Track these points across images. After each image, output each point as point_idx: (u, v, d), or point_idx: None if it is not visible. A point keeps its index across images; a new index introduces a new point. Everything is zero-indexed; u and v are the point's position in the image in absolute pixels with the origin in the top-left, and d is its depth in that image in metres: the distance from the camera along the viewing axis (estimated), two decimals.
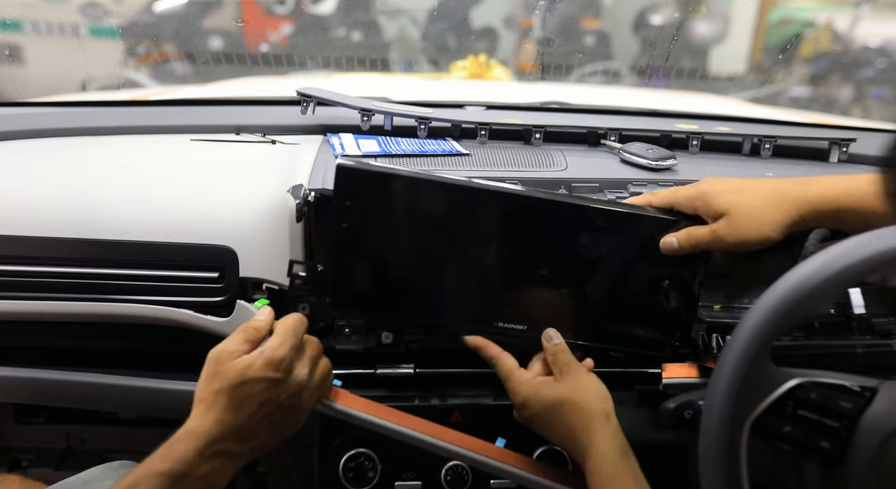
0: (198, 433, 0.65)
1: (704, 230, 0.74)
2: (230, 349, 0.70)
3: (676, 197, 0.77)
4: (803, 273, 0.61)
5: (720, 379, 0.62)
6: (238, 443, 0.67)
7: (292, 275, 0.79)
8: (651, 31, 2.67)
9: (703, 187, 0.75)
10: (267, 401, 0.68)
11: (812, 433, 0.63)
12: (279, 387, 0.68)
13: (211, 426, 0.65)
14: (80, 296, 0.80)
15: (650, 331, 0.81)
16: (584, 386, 0.74)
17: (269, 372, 0.68)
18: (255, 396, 0.67)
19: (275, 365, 0.68)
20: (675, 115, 1.18)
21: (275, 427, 0.69)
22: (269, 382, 0.68)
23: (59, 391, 0.86)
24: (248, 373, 0.67)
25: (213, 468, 0.65)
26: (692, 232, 0.75)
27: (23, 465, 1.01)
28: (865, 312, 0.72)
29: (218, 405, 0.66)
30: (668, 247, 0.76)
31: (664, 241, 0.76)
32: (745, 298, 0.92)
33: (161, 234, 0.80)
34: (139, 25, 1.77)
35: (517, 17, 2.91)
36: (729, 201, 0.72)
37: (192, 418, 0.67)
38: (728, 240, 0.72)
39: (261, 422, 0.68)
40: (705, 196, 0.74)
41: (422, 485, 0.85)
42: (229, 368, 0.68)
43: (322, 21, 2.41)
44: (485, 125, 0.99)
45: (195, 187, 0.84)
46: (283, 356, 0.69)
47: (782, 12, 3.40)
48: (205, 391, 0.68)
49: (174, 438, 0.65)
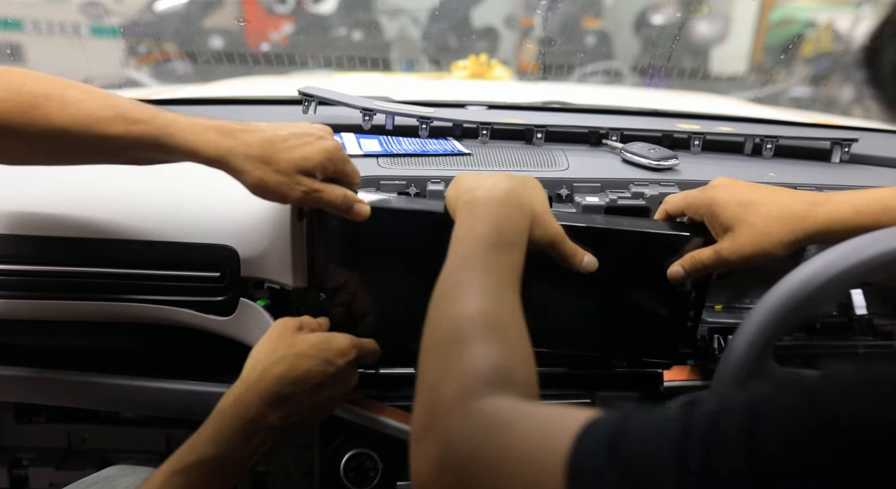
0: (247, 404, 0.66)
1: (708, 252, 0.73)
2: (303, 323, 0.74)
3: (687, 202, 0.76)
4: (806, 274, 0.61)
5: (723, 378, 0.62)
6: (280, 418, 0.68)
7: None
8: (652, 31, 2.67)
9: (713, 196, 0.73)
10: (319, 385, 0.69)
11: None
12: (334, 377, 0.70)
13: (263, 392, 0.67)
14: (80, 296, 0.80)
15: (655, 341, 0.80)
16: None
17: (337, 358, 0.70)
18: (313, 375, 0.69)
19: (341, 353, 0.71)
20: (677, 115, 1.18)
21: (312, 411, 0.71)
22: (331, 368, 0.70)
23: (60, 391, 0.86)
24: (319, 351, 0.70)
25: (255, 443, 0.66)
26: (696, 256, 0.74)
27: (23, 465, 1.01)
28: (867, 313, 0.72)
29: (276, 372, 0.68)
30: (676, 276, 0.75)
31: (671, 271, 0.75)
32: (747, 299, 0.92)
33: (162, 233, 0.80)
34: (140, 25, 1.78)
35: (518, 16, 2.92)
36: (735, 217, 0.71)
37: (241, 382, 0.69)
38: (732, 259, 0.71)
39: (307, 400, 0.69)
40: (712, 207, 0.72)
41: None
42: (299, 340, 0.71)
43: (323, 20, 2.41)
44: (486, 125, 0.99)
45: (196, 186, 0.84)
46: (350, 349, 0.72)
47: (783, 12, 3.40)
48: (265, 353, 0.70)
49: (219, 415, 0.66)
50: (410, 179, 0.84)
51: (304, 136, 0.68)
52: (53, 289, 0.80)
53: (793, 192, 0.72)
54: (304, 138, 0.68)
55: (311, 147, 0.68)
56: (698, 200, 0.74)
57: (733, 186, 0.74)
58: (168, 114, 0.66)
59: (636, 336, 0.80)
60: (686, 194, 0.76)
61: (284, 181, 0.66)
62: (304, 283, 0.80)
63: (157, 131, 0.64)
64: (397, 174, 0.85)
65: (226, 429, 0.65)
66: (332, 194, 0.69)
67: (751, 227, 0.69)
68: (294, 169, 0.66)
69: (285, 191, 0.66)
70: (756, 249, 0.69)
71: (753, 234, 0.69)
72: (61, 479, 0.99)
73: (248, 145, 0.66)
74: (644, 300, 0.78)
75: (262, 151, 0.66)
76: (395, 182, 0.84)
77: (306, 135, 0.69)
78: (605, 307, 0.78)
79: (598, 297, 0.78)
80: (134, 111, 0.65)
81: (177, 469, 0.64)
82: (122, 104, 0.65)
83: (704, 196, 0.74)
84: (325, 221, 0.77)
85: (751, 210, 0.70)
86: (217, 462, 0.64)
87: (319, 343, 0.71)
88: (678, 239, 0.75)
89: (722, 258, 0.71)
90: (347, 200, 0.70)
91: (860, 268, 0.59)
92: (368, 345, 0.75)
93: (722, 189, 0.73)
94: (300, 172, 0.67)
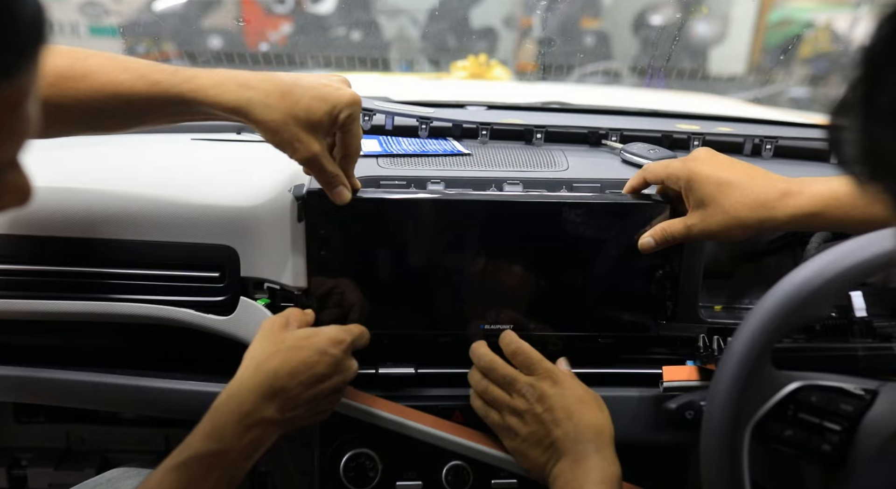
0: (240, 399, 0.66)
1: (679, 225, 0.76)
2: (290, 317, 0.73)
3: (667, 171, 0.78)
4: (804, 275, 0.61)
5: (721, 382, 0.62)
6: (278, 411, 0.67)
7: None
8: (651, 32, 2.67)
9: (693, 169, 0.75)
10: (318, 376, 0.69)
11: (813, 436, 0.63)
12: (332, 366, 0.70)
13: (257, 387, 0.67)
14: (80, 296, 0.80)
15: (635, 313, 0.84)
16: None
17: (330, 347, 0.70)
18: (308, 366, 0.69)
19: (333, 341, 0.71)
20: (676, 116, 1.18)
21: (314, 405, 0.70)
22: (326, 357, 0.70)
23: (60, 391, 0.86)
24: (310, 342, 0.70)
25: (253, 438, 0.66)
26: (666, 228, 0.77)
27: (22, 465, 1.01)
28: (866, 315, 0.72)
29: (269, 366, 0.68)
30: (647, 247, 0.78)
31: (642, 242, 0.79)
32: (746, 299, 0.92)
33: (162, 233, 0.80)
34: (139, 24, 1.77)
35: (517, 17, 2.92)
36: (709, 195, 0.73)
37: (235, 380, 0.68)
38: (698, 234, 0.75)
39: (305, 392, 0.69)
40: (691, 180, 0.75)
41: (423, 485, 0.85)
42: (288, 335, 0.71)
43: (322, 20, 2.41)
44: (486, 125, 0.99)
45: (196, 186, 0.84)
46: (344, 337, 0.72)
47: (782, 13, 3.40)
48: (258, 351, 0.70)
49: (213, 412, 0.66)
50: (410, 179, 0.85)
51: (323, 86, 0.70)
52: (54, 289, 0.80)
53: (768, 178, 0.74)
54: (322, 88, 0.69)
55: (328, 90, 0.69)
56: (678, 171, 0.76)
57: (713, 161, 0.76)
58: (188, 70, 0.67)
59: (612, 311, 0.83)
60: (667, 163, 0.79)
61: (296, 135, 0.67)
62: (305, 283, 0.80)
63: (178, 87, 0.66)
64: (397, 174, 0.85)
65: (221, 424, 0.65)
66: (328, 166, 0.71)
67: (722, 209, 0.73)
68: (307, 120, 0.67)
69: (296, 146, 0.68)
70: (722, 230, 0.73)
71: (723, 216, 0.72)
72: (60, 480, 0.99)
73: (268, 94, 0.66)
74: (615, 274, 0.82)
75: (280, 100, 0.66)
76: (395, 182, 0.84)
77: (324, 85, 0.70)
78: (576, 285, 0.81)
79: (567, 276, 0.81)
80: (155, 70, 0.67)
81: (173, 465, 0.63)
82: (142, 66, 0.67)
83: (685, 167, 0.76)
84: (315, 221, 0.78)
85: (725, 192, 0.73)
86: (214, 457, 0.64)
87: (309, 335, 0.71)
88: (656, 207, 0.80)
89: (691, 233, 0.75)
90: (337, 178, 0.72)
91: (860, 269, 0.59)
92: (357, 329, 0.76)
93: (702, 163, 0.76)
94: (313, 124, 0.68)
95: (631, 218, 0.80)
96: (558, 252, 0.80)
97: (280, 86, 0.67)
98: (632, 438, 0.66)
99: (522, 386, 0.75)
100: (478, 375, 0.79)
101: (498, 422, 0.77)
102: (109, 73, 0.66)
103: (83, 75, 0.65)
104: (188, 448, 0.64)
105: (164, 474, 0.63)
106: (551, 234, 0.80)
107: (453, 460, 0.84)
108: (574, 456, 0.70)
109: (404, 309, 0.79)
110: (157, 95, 0.66)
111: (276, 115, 0.66)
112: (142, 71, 0.66)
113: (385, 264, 0.81)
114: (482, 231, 0.78)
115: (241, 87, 0.66)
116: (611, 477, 0.68)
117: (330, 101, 0.68)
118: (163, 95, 0.66)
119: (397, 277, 0.81)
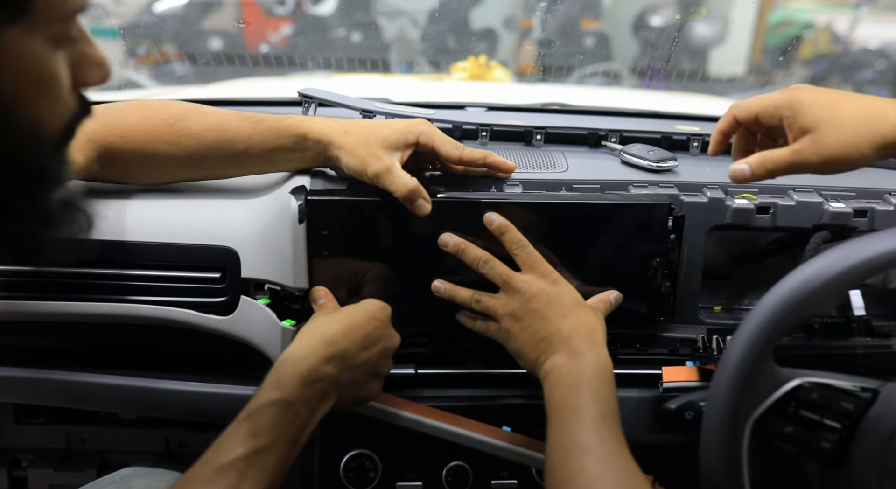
0: (300, 359, 0.68)
1: (784, 151, 0.67)
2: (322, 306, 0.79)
3: (763, 103, 0.71)
4: (805, 275, 0.61)
5: (722, 379, 0.62)
6: (337, 370, 0.70)
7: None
8: (651, 33, 2.67)
9: (795, 95, 0.68)
10: (370, 336, 0.73)
11: (813, 434, 0.63)
12: (382, 329, 0.75)
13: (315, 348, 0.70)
14: (81, 296, 0.80)
15: (634, 313, 0.83)
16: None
17: (378, 312, 0.75)
18: (362, 326, 0.73)
19: (383, 308, 0.76)
20: (676, 117, 1.18)
21: (367, 367, 0.73)
22: (375, 321, 0.74)
23: (59, 391, 0.86)
24: (361, 306, 0.75)
25: (316, 390, 0.68)
26: (767, 156, 0.68)
27: (22, 466, 1.01)
28: (866, 314, 0.72)
29: (325, 330, 0.71)
30: (740, 175, 0.69)
31: (734, 169, 0.69)
32: (746, 300, 0.92)
33: (163, 234, 0.80)
34: (139, 26, 1.77)
35: (517, 18, 2.91)
36: (819, 117, 0.66)
37: (294, 344, 0.71)
38: (813, 160, 0.66)
39: (360, 353, 0.72)
40: (795, 105, 0.67)
41: (423, 485, 0.85)
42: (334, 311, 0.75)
43: (322, 22, 2.41)
44: (486, 126, 0.99)
45: (197, 188, 0.84)
46: (387, 306, 0.76)
47: (782, 14, 3.40)
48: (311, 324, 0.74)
49: (276, 369, 0.68)
50: None
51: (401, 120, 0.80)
52: (53, 290, 0.80)
53: (864, 96, 0.68)
54: (396, 122, 0.79)
55: (405, 121, 0.79)
56: (778, 100, 0.69)
57: (812, 88, 0.69)
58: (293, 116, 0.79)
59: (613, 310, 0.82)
60: (762, 97, 0.71)
61: (371, 152, 0.75)
62: (306, 284, 0.80)
63: (278, 123, 0.78)
64: None
65: (286, 378, 0.67)
66: (400, 179, 0.74)
67: (837, 128, 0.65)
68: (384, 140, 0.76)
69: (369, 160, 0.75)
70: (841, 150, 0.65)
71: (840, 134, 0.65)
72: (60, 481, 0.99)
73: (345, 124, 0.78)
74: (611, 272, 0.82)
75: (356, 126, 0.78)
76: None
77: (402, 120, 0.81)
78: (580, 283, 0.81)
79: (572, 274, 0.81)
80: (258, 115, 0.79)
81: (245, 415, 0.65)
82: (248, 113, 0.79)
83: (786, 94, 0.69)
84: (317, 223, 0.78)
85: (837, 110, 0.65)
86: (282, 404, 0.66)
87: (355, 305, 0.75)
88: (656, 207, 0.80)
89: (801, 157, 0.66)
90: (415, 193, 0.75)
91: (860, 269, 0.59)
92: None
93: (805, 90, 0.69)
94: (389, 143, 0.76)
95: (631, 218, 0.80)
96: (558, 252, 0.80)
97: (362, 126, 0.78)
98: (631, 439, 0.66)
99: (518, 282, 0.74)
100: (467, 292, 0.78)
101: (494, 329, 0.76)
102: (220, 115, 0.79)
103: (200, 117, 0.78)
104: (257, 399, 0.66)
105: (238, 424, 0.65)
106: (551, 235, 0.80)
107: (453, 460, 0.84)
108: (569, 351, 0.69)
109: (405, 309, 0.79)
110: (259, 133, 0.78)
111: (351, 139, 0.76)
112: (247, 115, 0.79)
113: (385, 265, 0.81)
114: (482, 232, 0.78)
115: (330, 121, 0.78)
116: (607, 372, 0.68)
117: (403, 123, 0.78)
118: (264, 132, 0.78)
119: (398, 278, 0.81)
